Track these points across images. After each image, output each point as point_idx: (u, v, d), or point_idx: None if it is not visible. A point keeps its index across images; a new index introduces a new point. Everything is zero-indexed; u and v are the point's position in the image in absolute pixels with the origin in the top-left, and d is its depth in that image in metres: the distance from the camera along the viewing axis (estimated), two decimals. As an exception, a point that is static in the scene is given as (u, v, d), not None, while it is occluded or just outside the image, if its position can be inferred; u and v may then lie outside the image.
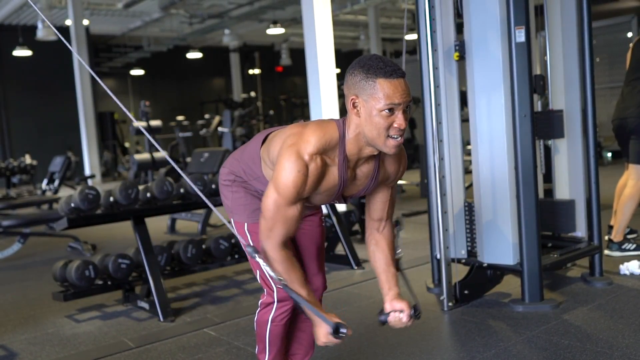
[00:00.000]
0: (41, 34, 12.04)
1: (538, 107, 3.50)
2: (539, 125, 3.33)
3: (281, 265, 1.80)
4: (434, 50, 3.12)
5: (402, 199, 7.59)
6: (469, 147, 3.42)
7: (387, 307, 1.88)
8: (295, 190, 1.73)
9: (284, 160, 1.73)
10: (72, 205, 3.41)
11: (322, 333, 1.76)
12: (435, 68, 3.12)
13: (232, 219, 2.02)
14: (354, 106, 1.72)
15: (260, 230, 1.81)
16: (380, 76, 1.66)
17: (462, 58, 3.19)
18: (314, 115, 6.68)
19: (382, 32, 17.04)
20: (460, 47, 3.17)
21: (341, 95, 9.91)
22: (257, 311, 2.05)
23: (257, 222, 1.92)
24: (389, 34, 18.64)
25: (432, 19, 3.11)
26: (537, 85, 3.20)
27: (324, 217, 2.21)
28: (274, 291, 1.96)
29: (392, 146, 1.71)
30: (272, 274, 1.80)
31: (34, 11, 13.67)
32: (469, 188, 3.61)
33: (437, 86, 3.12)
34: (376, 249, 1.99)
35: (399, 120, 1.68)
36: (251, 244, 1.94)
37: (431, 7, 3.12)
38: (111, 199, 3.50)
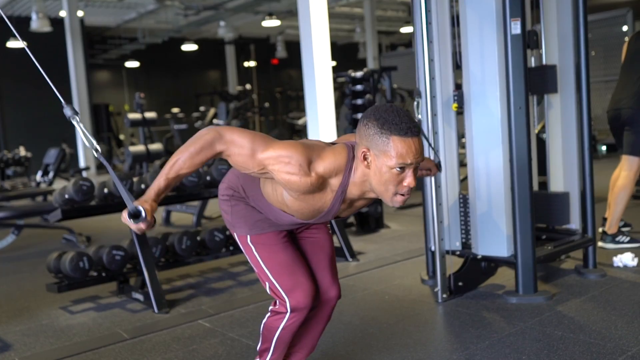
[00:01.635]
0: (35, 25, 11.94)
1: (531, 62, 3.49)
2: (533, 81, 3.30)
3: (195, 147, 1.65)
4: (430, 42, 3.11)
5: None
6: (463, 139, 3.42)
7: None
8: (279, 155, 1.65)
9: (295, 153, 1.67)
10: (67, 196, 3.40)
11: (124, 213, 1.63)
12: (431, 60, 3.11)
13: (234, 234, 1.98)
14: (365, 158, 1.68)
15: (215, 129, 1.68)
16: (395, 133, 1.61)
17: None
18: (309, 109, 6.67)
19: (378, 24, 17.01)
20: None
21: (336, 88, 9.91)
22: (267, 316, 2.01)
23: (260, 233, 1.91)
24: (385, 27, 18.61)
25: (427, 11, 3.11)
26: (531, 40, 3.19)
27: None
28: (286, 302, 1.91)
29: (398, 202, 1.70)
30: (89, 139, 1.65)
31: (27, 2, 13.58)
32: (463, 181, 3.61)
33: (432, 78, 3.12)
34: None
35: (409, 179, 1.66)
36: (258, 258, 1.93)
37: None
38: (105, 190, 3.49)
